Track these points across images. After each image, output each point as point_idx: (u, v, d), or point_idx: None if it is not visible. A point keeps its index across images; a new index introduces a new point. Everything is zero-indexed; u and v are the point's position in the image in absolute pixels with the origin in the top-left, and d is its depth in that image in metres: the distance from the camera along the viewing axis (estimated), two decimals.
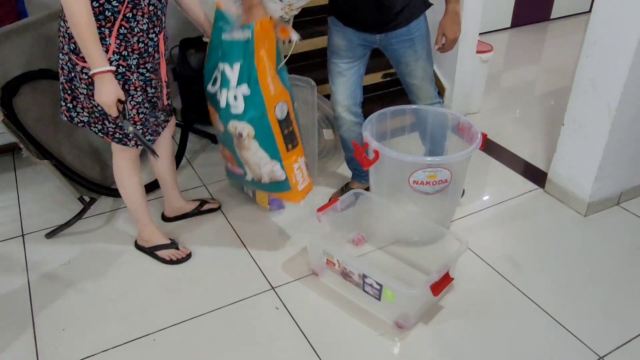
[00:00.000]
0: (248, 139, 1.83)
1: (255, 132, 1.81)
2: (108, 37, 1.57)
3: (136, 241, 2.12)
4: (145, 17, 1.63)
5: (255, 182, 1.97)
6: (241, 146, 1.86)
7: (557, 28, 4.62)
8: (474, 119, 2.68)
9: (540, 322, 1.79)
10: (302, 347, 1.70)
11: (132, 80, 1.67)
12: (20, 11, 2.53)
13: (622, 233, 2.21)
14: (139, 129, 1.76)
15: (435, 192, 1.97)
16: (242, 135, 1.82)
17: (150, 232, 2.07)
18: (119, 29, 1.58)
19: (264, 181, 1.93)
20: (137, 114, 1.73)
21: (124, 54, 1.62)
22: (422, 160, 1.92)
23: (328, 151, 2.53)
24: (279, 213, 2.30)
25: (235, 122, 1.82)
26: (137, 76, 1.68)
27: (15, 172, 2.65)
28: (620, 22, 1.91)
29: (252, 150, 1.85)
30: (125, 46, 1.61)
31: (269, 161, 1.87)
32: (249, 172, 1.95)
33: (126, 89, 1.66)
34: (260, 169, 1.89)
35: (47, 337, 1.75)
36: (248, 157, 1.89)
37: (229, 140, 1.89)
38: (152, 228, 2.07)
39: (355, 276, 1.81)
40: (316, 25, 2.87)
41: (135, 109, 1.72)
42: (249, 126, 1.80)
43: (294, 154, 1.89)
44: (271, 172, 1.89)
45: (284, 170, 1.88)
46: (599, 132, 2.11)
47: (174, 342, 1.73)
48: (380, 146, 1.94)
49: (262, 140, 1.83)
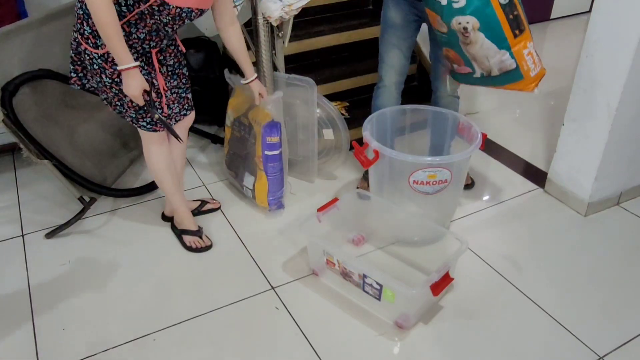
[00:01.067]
0: (474, 32, 1.81)
1: (479, 23, 1.79)
2: None
3: (172, 221, 2.21)
4: (146, 29, 1.70)
5: (485, 78, 1.96)
6: (467, 41, 1.85)
7: (557, 28, 4.61)
8: (473, 119, 2.68)
9: (540, 322, 1.79)
10: (302, 347, 1.70)
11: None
12: (20, 11, 2.53)
13: (622, 233, 2.21)
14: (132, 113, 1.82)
15: (435, 192, 1.97)
16: (467, 29, 1.81)
17: (181, 215, 2.14)
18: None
19: (493, 74, 1.91)
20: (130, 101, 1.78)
21: None
22: (422, 160, 1.92)
23: (328, 151, 2.53)
24: (279, 213, 2.30)
25: (459, 17, 1.80)
26: None
27: (15, 172, 2.65)
28: (620, 22, 1.91)
29: (478, 44, 1.84)
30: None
31: (497, 51, 1.85)
32: (477, 68, 1.94)
33: (121, 79, 1.71)
34: (488, 61, 1.88)
35: (47, 337, 1.75)
36: (475, 52, 1.87)
37: (454, 39, 1.88)
38: (183, 211, 2.14)
39: (355, 276, 1.81)
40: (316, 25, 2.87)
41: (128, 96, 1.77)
42: (473, 18, 1.79)
43: (522, 39, 1.86)
44: (500, 63, 1.87)
45: (513, 59, 1.86)
46: (599, 132, 2.11)
47: (174, 342, 1.73)
48: (380, 146, 1.95)
49: (487, 31, 1.81)
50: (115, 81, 1.73)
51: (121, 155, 2.59)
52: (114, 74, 1.72)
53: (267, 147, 2.16)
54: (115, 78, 1.73)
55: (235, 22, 1.93)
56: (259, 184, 2.24)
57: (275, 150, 2.18)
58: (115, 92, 1.77)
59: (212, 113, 2.85)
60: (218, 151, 2.80)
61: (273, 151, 2.18)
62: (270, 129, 2.14)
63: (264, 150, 2.17)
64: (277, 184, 2.25)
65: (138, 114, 1.83)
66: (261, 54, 2.21)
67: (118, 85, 1.74)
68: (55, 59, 2.24)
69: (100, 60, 1.70)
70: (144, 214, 2.33)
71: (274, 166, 2.21)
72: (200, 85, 2.75)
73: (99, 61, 1.71)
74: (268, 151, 2.17)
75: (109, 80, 1.73)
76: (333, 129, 2.41)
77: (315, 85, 2.22)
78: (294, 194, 2.44)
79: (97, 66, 1.72)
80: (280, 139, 2.18)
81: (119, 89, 1.75)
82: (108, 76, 1.72)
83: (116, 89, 1.75)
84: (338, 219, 2.07)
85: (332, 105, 2.34)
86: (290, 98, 2.32)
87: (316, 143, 2.39)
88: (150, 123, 1.86)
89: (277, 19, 2.10)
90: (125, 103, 1.80)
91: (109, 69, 1.71)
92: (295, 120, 2.38)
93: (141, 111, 1.82)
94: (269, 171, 2.21)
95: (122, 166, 2.58)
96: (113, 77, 1.73)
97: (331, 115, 2.35)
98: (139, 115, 1.83)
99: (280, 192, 2.28)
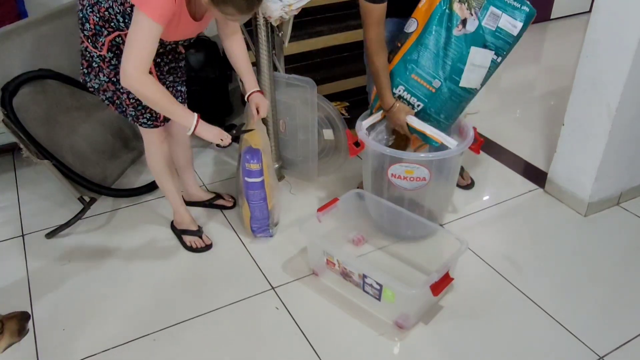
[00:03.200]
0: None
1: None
2: (104, 37, 1.70)
3: (172, 222, 2.20)
4: None
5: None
6: None
7: (557, 28, 4.61)
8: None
9: (540, 322, 1.79)
10: (302, 347, 1.70)
11: None
12: (20, 11, 2.53)
13: (622, 233, 2.21)
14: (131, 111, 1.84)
15: (413, 188, 1.99)
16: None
17: (181, 216, 2.14)
18: (116, 37, 1.70)
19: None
20: (127, 99, 1.81)
21: (117, 52, 1.72)
22: (398, 154, 1.94)
23: (328, 151, 2.53)
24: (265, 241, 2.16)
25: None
26: None
27: (15, 172, 2.65)
28: (621, 22, 1.91)
29: None
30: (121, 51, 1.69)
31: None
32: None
33: (118, 79, 1.71)
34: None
35: (47, 337, 1.76)
36: None
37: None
38: (181, 212, 2.14)
39: (355, 276, 1.81)
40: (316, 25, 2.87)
41: (125, 93, 1.80)
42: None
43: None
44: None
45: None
46: (599, 132, 2.11)
47: (174, 342, 1.73)
48: (363, 136, 1.98)
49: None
50: (112, 80, 1.78)
51: (121, 155, 2.59)
52: (111, 74, 1.76)
53: (246, 174, 2.01)
54: (112, 77, 1.77)
55: (237, 30, 1.92)
56: (244, 209, 2.12)
57: (256, 177, 2.01)
58: (112, 91, 1.81)
59: (212, 113, 2.85)
60: (218, 151, 2.80)
61: (253, 178, 2.01)
62: (250, 155, 1.98)
63: (244, 176, 2.03)
64: (260, 212, 2.09)
65: (137, 111, 1.84)
66: (261, 54, 2.21)
67: (114, 85, 1.78)
68: (55, 59, 2.24)
69: (99, 60, 1.75)
70: (144, 214, 2.33)
71: (254, 194, 2.04)
72: (200, 85, 2.75)
73: (97, 60, 1.75)
74: (248, 178, 2.01)
75: (106, 79, 1.78)
76: (333, 129, 2.41)
77: (315, 86, 2.21)
78: (294, 194, 2.44)
79: (95, 64, 1.76)
80: (262, 167, 2.00)
81: (115, 88, 1.78)
82: (105, 75, 1.77)
83: (113, 87, 1.79)
84: (338, 219, 2.07)
85: (332, 105, 2.34)
86: (290, 98, 2.32)
87: (316, 143, 2.39)
88: (151, 119, 1.87)
89: (277, 19, 2.09)
90: (124, 101, 1.82)
91: (106, 68, 1.75)
92: (295, 120, 2.38)
93: (140, 108, 1.83)
94: (249, 198, 2.06)
95: (122, 166, 2.58)
96: (110, 77, 1.77)
97: (331, 115, 2.35)
98: (138, 113, 1.84)
99: (264, 220, 2.12)
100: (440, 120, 1.98)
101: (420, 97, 1.93)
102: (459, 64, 1.86)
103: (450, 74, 1.88)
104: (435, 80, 1.89)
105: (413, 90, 1.93)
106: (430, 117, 1.96)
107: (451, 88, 1.90)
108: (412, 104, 1.96)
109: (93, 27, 1.70)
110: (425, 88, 1.91)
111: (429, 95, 1.92)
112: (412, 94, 1.94)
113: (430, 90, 1.91)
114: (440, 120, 1.98)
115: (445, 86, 1.89)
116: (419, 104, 1.95)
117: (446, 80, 1.89)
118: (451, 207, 2.32)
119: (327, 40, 2.80)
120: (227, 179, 2.56)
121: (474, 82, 1.92)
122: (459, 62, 1.86)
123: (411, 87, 1.93)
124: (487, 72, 1.92)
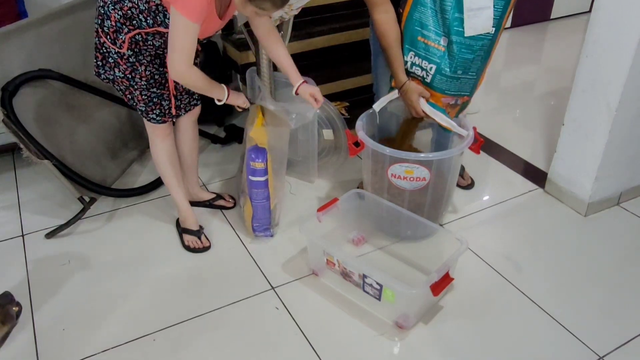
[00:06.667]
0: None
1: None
2: (124, 34, 1.73)
3: (177, 219, 2.21)
4: (162, 39, 1.78)
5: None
6: None
7: (557, 28, 4.61)
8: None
9: (540, 322, 1.79)
10: (302, 347, 1.70)
11: (140, 71, 1.81)
12: (20, 11, 2.54)
13: (622, 233, 2.21)
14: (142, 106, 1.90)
15: (413, 188, 1.98)
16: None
17: (183, 215, 2.15)
18: (136, 35, 1.74)
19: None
20: (140, 95, 1.86)
21: (135, 50, 1.77)
22: (398, 154, 1.93)
23: (328, 151, 2.53)
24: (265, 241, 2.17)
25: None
26: (143, 68, 1.82)
27: (15, 172, 2.65)
28: (620, 22, 1.91)
29: None
30: (140, 49, 1.78)
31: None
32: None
33: (133, 76, 1.81)
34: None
35: (47, 337, 1.76)
36: None
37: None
38: (184, 210, 2.14)
39: (355, 276, 1.81)
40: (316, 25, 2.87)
41: (138, 90, 1.85)
42: None
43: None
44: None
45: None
46: (599, 132, 2.11)
47: (174, 342, 1.73)
48: (363, 135, 1.98)
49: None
50: (127, 77, 1.81)
51: (121, 155, 2.59)
52: (127, 70, 1.80)
53: (250, 172, 2.01)
54: (127, 74, 1.81)
55: (273, 30, 1.91)
56: (246, 207, 2.13)
57: (260, 176, 2.01)
58: (126, 86, 1.85)
59: (212, 113, 2.85)
60: (218, 151, 2.80)
61: (257, 177, 2.01)
62: (255, 153, 1.98)
63: (248, 174, 2.03)
64: (262, 211, 2.09)
65: (148, 107, 1.89)
66: (261, 54, 2.21)
67: (129, 81, 1.82)
68: (55, 59, 2.24)
69: (117, 56, 1.78)
70: (144, 214, 2.33)
71: (257, 193, 2.04)
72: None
73: (115, 56, 1.78)
74: (252, 176, 2.02)
75: (121, 75, 1.81)
76: (333, 129, 2.41)
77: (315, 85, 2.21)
78: (294, 194, 2.44)
79: (112, 60, 1.79)
80: (266, 166, 2.01)
81: (129, 84, 1.83)
82: (121, 71, 1.81)
83: (127, 83, 1.82)
84: (338, 219, 2.07)
85: (332, 105, 2.34)
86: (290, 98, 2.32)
87: (316, 143, 2.39)
88: (160, 115, 1.91)
89: (277, 19, 2.10)
90: (136, 97, 1.87)
91: (123, 65, 1.79)
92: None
93: (151, 104, 1.88)
94: (252, 197, 2.06)
95: (122, 166, 2.58)
96: (125, 73, 1.81)
97: (331, 115, 2.35)
98: (148, 109, 1.89)
99: (266, 220, 2.12)
100: (460, 77, 1.89)
101: (432, 59, 1.88)
102: (456, 14, 1.77)
103: (451, 26, 1.80)
104: (442, 38, 1.83)
105: (423, 53, 1.88)
106: (446, 77, 1.89)
107: (459, 41, 1.81)
108: (425, 69, 1.90)
109: (114, 24, 1.72)
110: (434, 49, 1.86)
111: (440, 55, 1.86)
112: (422, 57, 1.89)
113: (440, 49, 1.85)
114: (460, 77, 1.89)
115: (453, 41, 1.82)
116: (431, 67, 1.89)
117: (451, 34, 1.81)
118: (451, 207, 2.32)
119: (327, 40, 2.80)
120: (228, 179, 2.56)
121: (482, 27, 1.78)
122: (456, 12, 1.77)
123: (421, 50, 1.88)
124: (495, 11, 1.77)
